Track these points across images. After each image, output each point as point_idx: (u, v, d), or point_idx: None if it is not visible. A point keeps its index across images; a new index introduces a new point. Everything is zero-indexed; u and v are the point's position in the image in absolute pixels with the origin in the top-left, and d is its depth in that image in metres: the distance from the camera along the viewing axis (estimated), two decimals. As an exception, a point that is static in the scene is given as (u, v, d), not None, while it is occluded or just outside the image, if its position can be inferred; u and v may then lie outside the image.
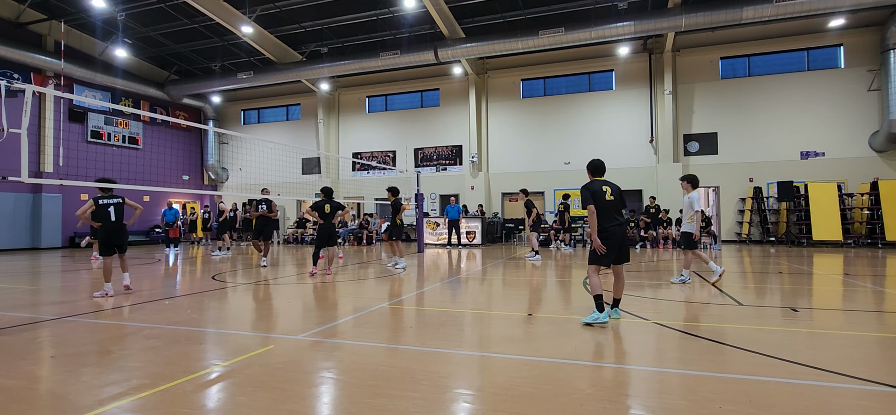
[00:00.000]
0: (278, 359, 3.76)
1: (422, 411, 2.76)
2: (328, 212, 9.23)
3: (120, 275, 7.17)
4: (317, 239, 9.35)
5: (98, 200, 6.82)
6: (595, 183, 4.94)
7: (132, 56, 21.38)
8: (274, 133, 24.60)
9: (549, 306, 6.01)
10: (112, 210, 6.85)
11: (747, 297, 6.42)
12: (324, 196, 9.52)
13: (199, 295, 6.95)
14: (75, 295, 7.06)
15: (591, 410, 2.73)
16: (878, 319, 5.26)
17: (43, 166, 18.37)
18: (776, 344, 4.03)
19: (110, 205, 6.85)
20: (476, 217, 18.37)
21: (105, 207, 6.83)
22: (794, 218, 16.87)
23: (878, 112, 16.75)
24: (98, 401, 2.91)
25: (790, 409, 2.71)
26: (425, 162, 22.30)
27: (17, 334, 4.66)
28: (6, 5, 17.71)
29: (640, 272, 9.38)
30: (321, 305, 6.29)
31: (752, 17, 14.75)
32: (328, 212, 9.23)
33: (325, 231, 9.22)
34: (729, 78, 18.70)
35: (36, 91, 7.65)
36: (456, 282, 8.28)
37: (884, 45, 16.19)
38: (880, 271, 9.26)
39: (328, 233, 9.24)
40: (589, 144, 19.83)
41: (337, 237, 9.47)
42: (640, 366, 3.61)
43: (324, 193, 9.55)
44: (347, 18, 18.32)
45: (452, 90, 21.95)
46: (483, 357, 3.87)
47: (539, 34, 16.67)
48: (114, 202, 6.88)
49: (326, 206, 9.24)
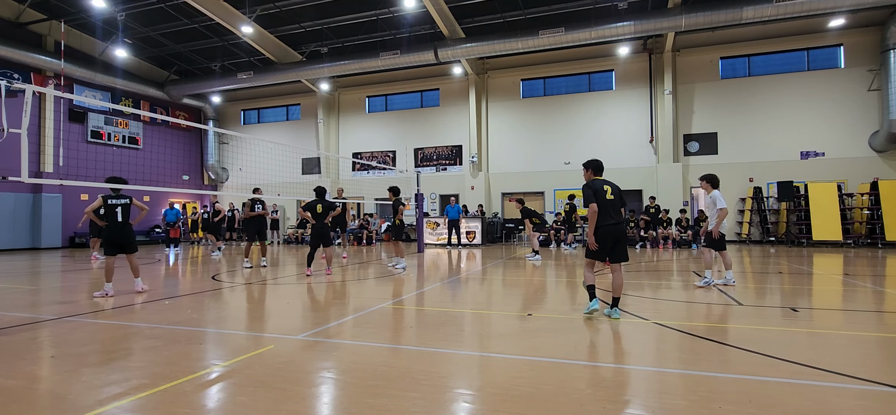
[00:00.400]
0: (278, 359, 3.76)
1: (422, 411, 2.76)
2: (320, 212, 9.17)
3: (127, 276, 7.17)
4: (311, 240, 9.35)
5: (108, 199, 6.88)
6: (596, 182, 5.08)
7: (132, 56, 21.38)
8: (274, 133, 24.60)
9: (550, 306, 6.01)
10: (119, 210, 6.89)
11: (747, 297, 6.42)
12: (316, 196, 9.46)
13: (199, 295, 6.95)
14: (75, 295, 7.06)
15: (591, 410, 2.73)
16: (878, 319, 5.26)
17: (43, 166, 18.36)
18: (776, 344, 4.03)
19: (118, 205, 6.89)
20: (476, 217, 18.37)
21: (113, 206, 6.88)
22: (794, 218, 16.86)
23: (878, 112, 16.75)
24: (98, 401, 2.91)
25: (790, 409, 2.71)
26: (425, 162, 22.30)
27: (17, 333, 4.66)
28: (6, 5, 17.71)
29: (640, 272, 9.38)
30: (321, 305, 6.29)
31: (752, 17, 14.75)
32: (320, 212, 9.17)
33: (318, 231, 9.19)
34: (729, 78, 18.70)
35: (36, 91, 7.65)
36: (456, 282, 8.28)
37: (884, 45, 16.19)
38: (880, 271, 9.26)
39: (321, 233, 9.21)
40: (589, 144, 19.83)
41: (331, 237, 9.39)
42: (640, 366, 3.61)
43: (316, 194, 9.49)
44: (347, 18, 18.32)
45: (452, 90, 21.95)
46: (483, 357, 3.87)
47: (539, 34, 16.67)
48: (122, 202, 6.93)
49: (318, 206, 9.18)
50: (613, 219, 4.95)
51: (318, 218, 9.19)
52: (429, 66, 20.35)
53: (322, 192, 9.53)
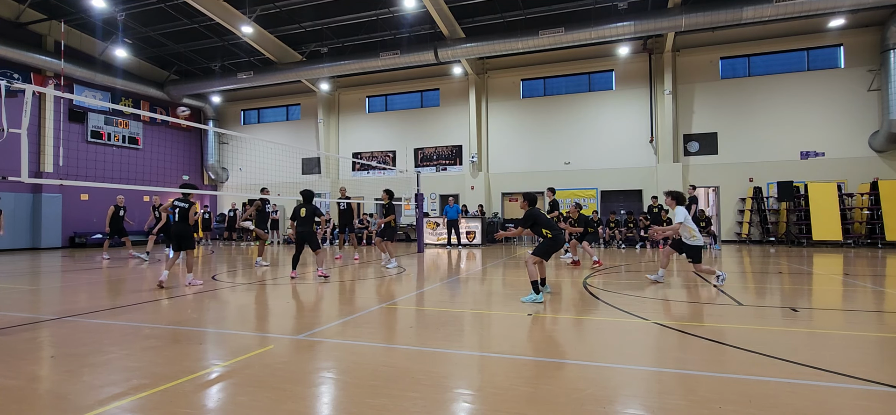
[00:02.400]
0: (278, 359, 3.76)
1: (422, 411, 2.76)
2: (303, 216, 8.86)
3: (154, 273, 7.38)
4: (296, 242, 9.01)
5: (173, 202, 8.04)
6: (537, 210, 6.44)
7: (132, 56, 21.38)
8: (274, 133, 24.61)
9: (549, 306, 6.01)
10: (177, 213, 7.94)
11: (747, 297, 6.42)
12: (303, 200, 8.98)
13: (199, 295, 6.96)
14: (75, 296, 7.06)
15: (591, 410, 2.73)
16: (878, 319, 5.26)
17: (43, 166, 18.36)
18: (776, 344, 4.03)
19: (177, 208, 7.94)
20: (476, 217, 18.37)
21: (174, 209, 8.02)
22: (794, 218, 16.86)
23: (878, 112, 16.75)
24: (98, 401, 2.91)
25: (790, 409, 2.71)
26: (425, 162, 22.31)
27: (17, 334, 4.66)
28: (6, 5, 17.71)
29: (641, 272, 9.38)
30: (321, 305, 6.29)
31: (752, 17, 14.75)
32: (303, 216, 8.86)
33: (300, 235, 8.88)
34: (729, 78, 18.70)
35: (36, 91, 7.65)
36: (455, 282, 8.28)
37: (884, 45, 16.19)
38: (880, 271, 9.26)
39: (303, 237, 8.86)
40: (589, 144, 19.84)
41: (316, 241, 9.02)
42: (640, 366, 3.61)
43: (303, 197, 9.05)
44: (347, 18, 18.32)
45: (452, 90, 21.95)
46: (483, 357, 3.87)
47: (539, 34, 16.67)
48: (180, 206, 7.91)
49: (302, 210, 8.90)
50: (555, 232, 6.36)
51: (302, 222, 8.85)
52: (429, 66, 20.35)
53: (309, 196, 9.06)
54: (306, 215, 8.87)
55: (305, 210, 8.87)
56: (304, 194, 9.03)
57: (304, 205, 8.97)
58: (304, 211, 8.87)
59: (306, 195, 9.01)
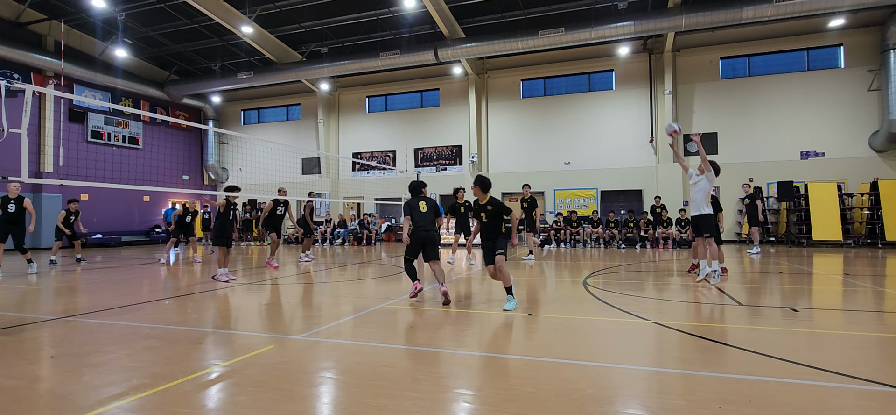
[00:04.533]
0: (278, 359, 3.76)
1: (422, 411, 2.76)
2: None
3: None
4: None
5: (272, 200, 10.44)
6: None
7: (132, 56, 21.37)
8: (274, 133, 24.60)
9: (549, 306, 6.01)
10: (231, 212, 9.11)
11: (747, 297, 6.42)
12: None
13: (199, 295, 6.96)
14: (76, 295, 7.06)
15: (591, 410, 2.73)
16: (878, 319, 5.26)
17: (43, 166, 18.36)
18: (776, 344, 4.03)
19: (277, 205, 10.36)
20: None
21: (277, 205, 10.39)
22: (794, 218, 16.86)
23: (878, 112, 16.75)
24: (98, 401, 2.91)
25: (790, 409, 2.71)
26: (425, 162, 22.30)
27: (17, 333, 4.66)
28: (6, 5, 17.71)
29: (641, 272, 9.38)
30: (321, 305, 6.29)
31: (752, 17, 14.75)
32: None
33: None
34: (729, 78, 18.70)
35: (36, 91, 7.65)
36: (455, 282, 8.27)
37: (884, 45, 16.19)
38: (880, 271, 9.26)
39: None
40: (589, 144, 19.84)
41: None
42: (640, 366, 3.61)
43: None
44: (347, 18, 18.32)
45: (452, 90, 21.95)
46: (483, 357, 3.87)
47: (539, 34, 16.66)
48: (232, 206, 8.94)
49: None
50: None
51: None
52: (429, 66, 20.35)
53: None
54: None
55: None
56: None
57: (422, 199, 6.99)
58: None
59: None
